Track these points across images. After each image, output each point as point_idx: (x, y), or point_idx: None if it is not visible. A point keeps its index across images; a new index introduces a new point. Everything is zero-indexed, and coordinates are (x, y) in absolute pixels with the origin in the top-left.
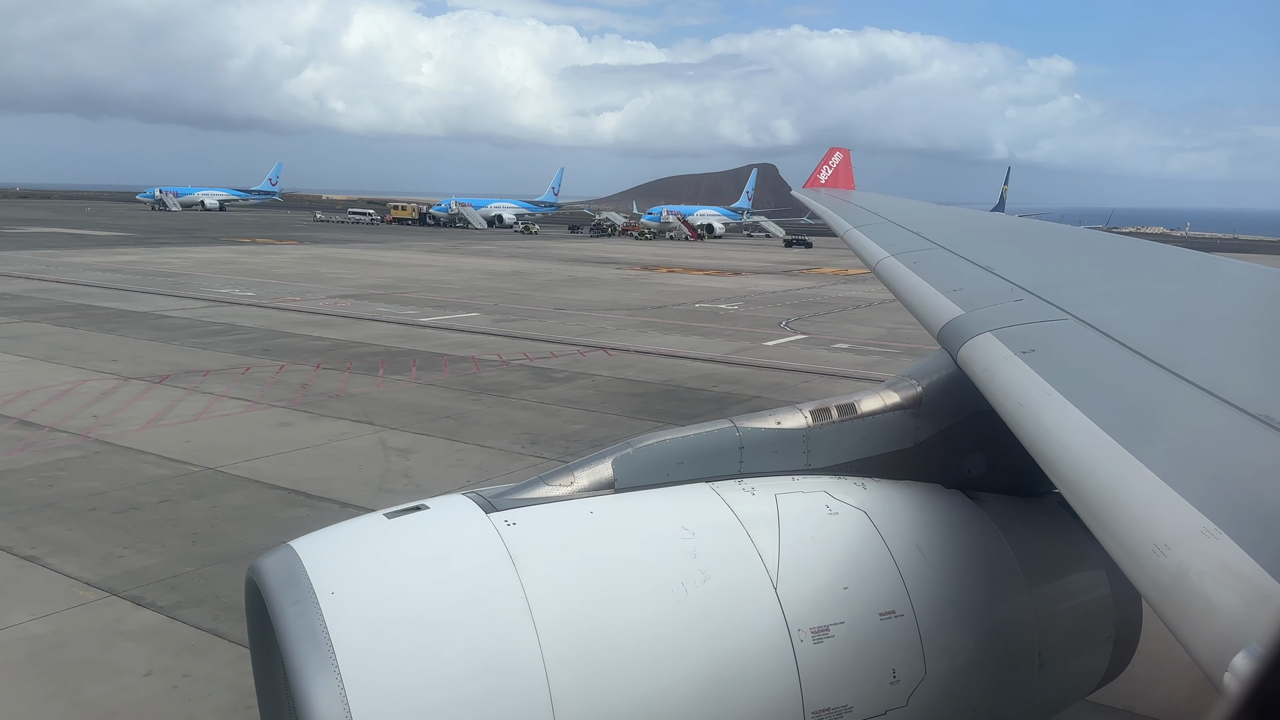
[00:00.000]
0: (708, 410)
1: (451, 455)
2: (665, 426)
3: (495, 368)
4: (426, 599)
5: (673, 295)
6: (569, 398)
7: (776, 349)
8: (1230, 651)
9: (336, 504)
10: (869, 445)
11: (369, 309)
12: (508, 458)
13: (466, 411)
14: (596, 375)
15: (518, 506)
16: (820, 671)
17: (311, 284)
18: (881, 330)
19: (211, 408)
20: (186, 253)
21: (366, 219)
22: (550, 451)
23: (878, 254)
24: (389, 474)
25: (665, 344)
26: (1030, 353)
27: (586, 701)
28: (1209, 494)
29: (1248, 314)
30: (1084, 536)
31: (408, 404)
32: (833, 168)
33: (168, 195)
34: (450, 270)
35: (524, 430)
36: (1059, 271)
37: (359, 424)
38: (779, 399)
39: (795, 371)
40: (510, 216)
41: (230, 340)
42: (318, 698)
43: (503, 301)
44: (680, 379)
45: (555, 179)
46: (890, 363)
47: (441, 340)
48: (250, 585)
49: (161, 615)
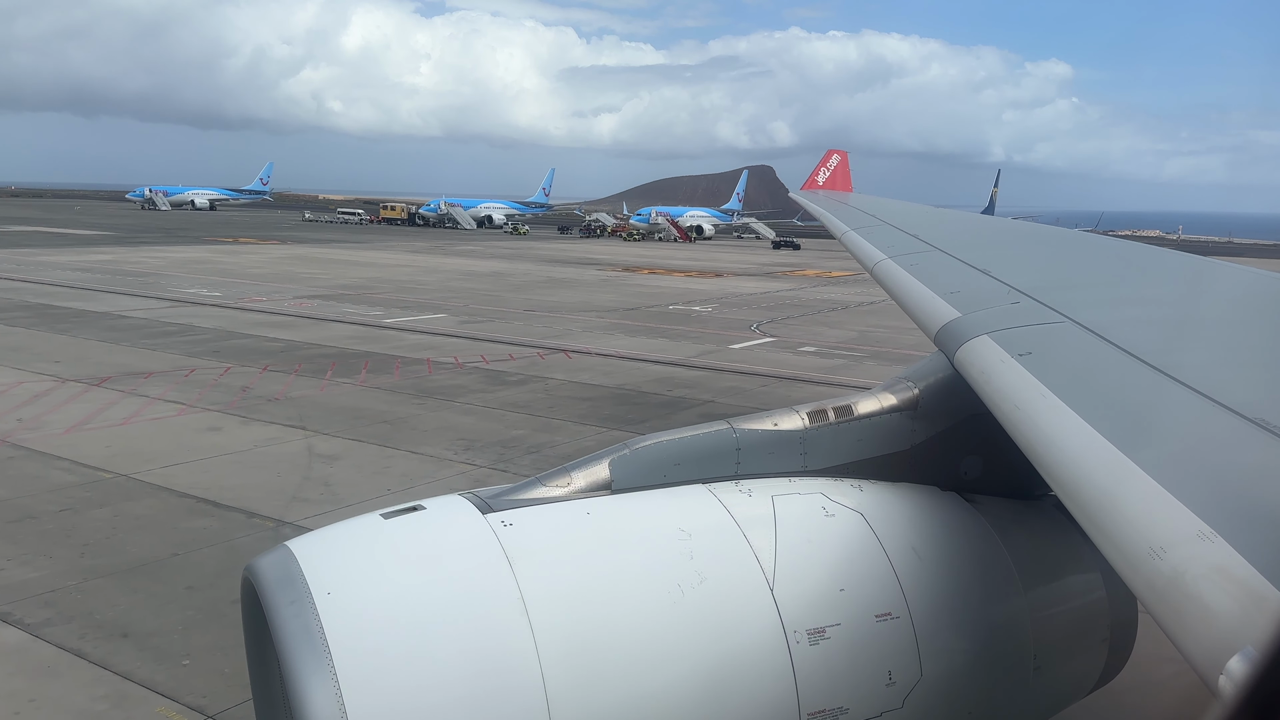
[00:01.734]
0: (656, 416)
1: (378, 462)
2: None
3: (449, 370)
4: (423, 599)
5: (648, 297)
6: (516, 401)
7: (742, 352)
8: (1225, 655)
9: (243, 514)
10: (866, 447)
11: (334, 310)
12: (436, 464)
13: (407, 416)
14: (551, 378)
15: (515, 507)
16: (816, 673)
17: (283, 284)
18: (852, 334)
19: (144, 411)
20: (165, 252)
21: (355, 219)
22: (482, 458)
23: (875, 256)
24: (307, 482)
25: (629, 346)
26: (1027, 355)
27: (583, 702)
28: (1204, 497)
29: (1244, 317)
30: (1080, 539)
31: (347, 408)
32: (830, 170)
33: (157, 194)
34: (428, 271)
35: (461, 435)
36: (1056, 275)
37: (291, 429)
38: (733, 404)
39: (754, 375)
40: (500, 217)
41: (183, 341)
42: (313, 698)
43: (473, 303)
44: (636, 382)
45: (546, 180)
46: (854, 367)
47: (400, 342)
48: (246, 585)
49: (26, 633)
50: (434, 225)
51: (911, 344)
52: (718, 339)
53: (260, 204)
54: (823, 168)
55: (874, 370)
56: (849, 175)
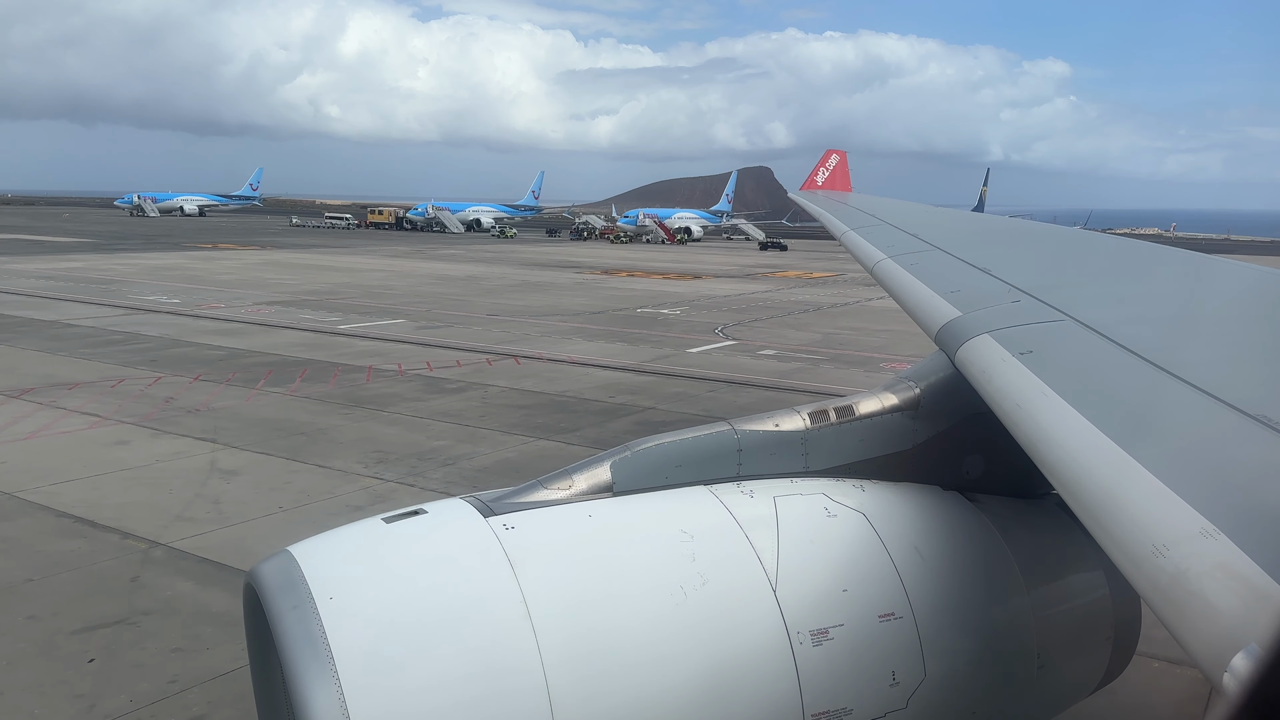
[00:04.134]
0: (589, 425)
1: (280, 477)
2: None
3: (389, 378)
4: (425, 603)
5: (619, 300)
6: (449, 410)
7: (698, 356)
8: (1229, 652)
9: (118, 535)
10: (867, 447)
11: (291, 316)
12: (341, 479)
13: (328, 427)
14: (493, 386)
15: (516, 510)
16: (819, 674)
17: (248, 290)
18: (817, 336)
19: (54, 424)
20: (139, 259)
21: (343, 224)
22: (392, 472)
23: (875, 256)
24: (197, 500)
25: (585, 351)
26: (1028, 354)
27: (586, 705)
28: (1207, 495)
29: (1246, 314)
30: (1082, 538)
31: (269, 419)
32: (829, 170)
33: (146, 201)
34: (402, 275)
35: (378, 448)
36: (1057, 273)
37: (201, 442)
38: (675, 410)
39: (705, 381)
40: (488, 220)
41: (123, 350)
42: (316, 703)
43: (438, 307)
44: (579, 389)
45: (535, 182)
46: (810, 370)
47: (348, 349)
48: (248, 591)
49: None
50: (421, 229)
51: (875, 346)
52: (678, 343)
53: (250, 209)
54: (822, 168)
55: (830, 374)
56: (848, 175)
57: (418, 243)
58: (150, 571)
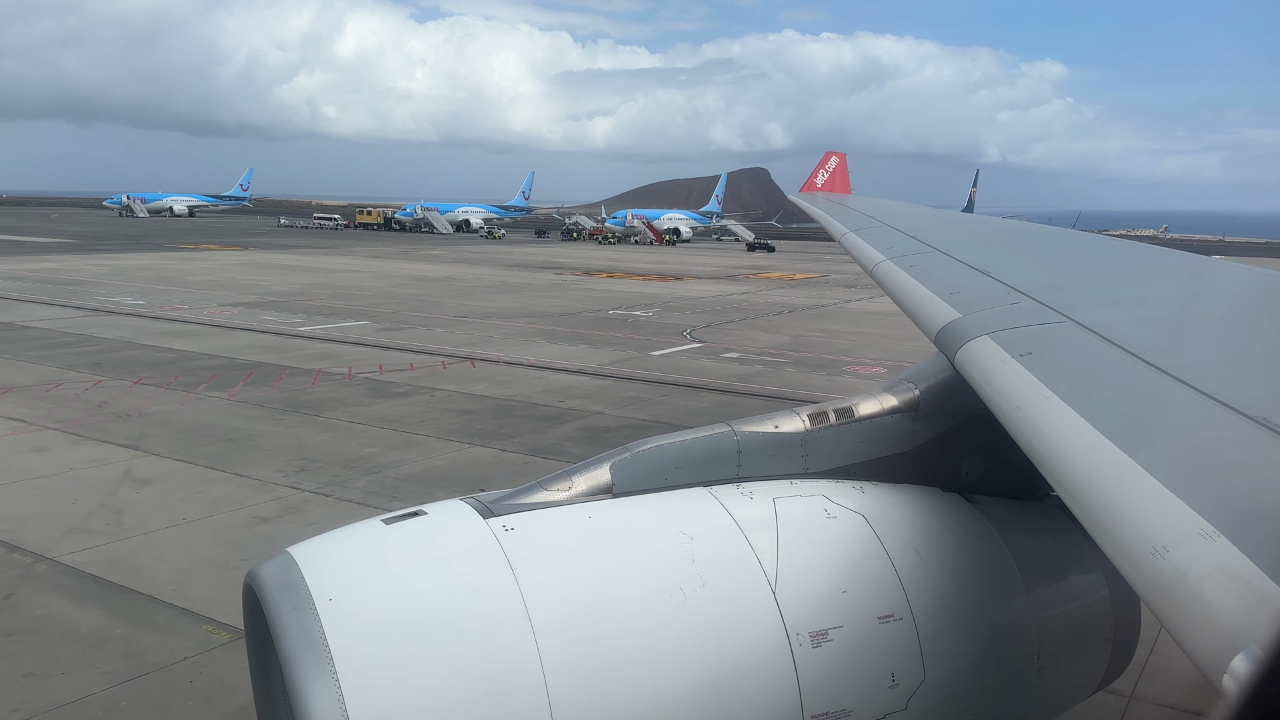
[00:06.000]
0: (531, 430)
1: (193, 486)
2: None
3: (336, 382)
4: (424, 605)
5: (593, 302)
6: (388, 415)
7: (660, 359)
8: (1229, 654)
9: (6, 547)
10: (867, 449)
11: (252, 318)
12: (255, 489)
13: (257, 433)
14: (441, 390)
15: (516, 511)
16: (819, 676)
17: (217, 291)
18: (785, 339)
19: None
20: (115, 259)
21: (331, 224)
22: (311, 481)
23: (875, 258)
24: (101, 510)
25: (545, 354)
26: (1027, 356)
27: (585, 706)
28: (1207, 496)
29: (1245, 316)
30: (1082, 539)
31: (199, 425)
32: (829, 172)
33: (135, 201)
34: (378, 276)
35: (304, 455)
36: (1056, 274)
37: (122, 449)
38: (622, 415)
39: (661, 384)
40: (477, 221)
41: (70, 353)
42: (316, 704)
43: (407, 309)
44: (528, 394)
45: (525, 183)
46: (771, 374)
47: (302, 351)
48: (248, 592)
49: None
50: (410, 230)
51: (841, 349)
52: (643, 345)
53: (240, 210)
54: (821, 169)
55: (790, 377)
56: (848, 177)
57: (403, 244)
58: (27, 588)
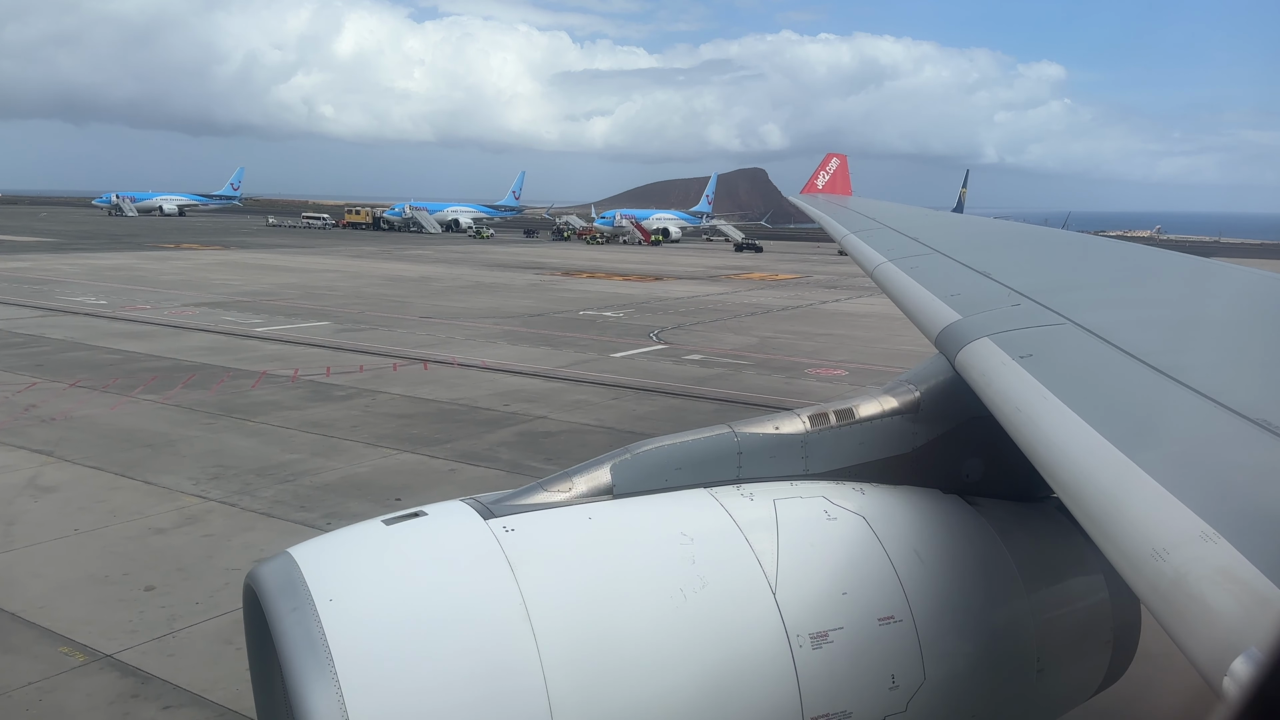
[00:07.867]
0: (467, 436)
1: (97, 496)
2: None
3: (278, 384)
4: (425, 606)
5: (566, 302)
6: (322, 420)
7: (619, 361)
8: (1229, 656)
9: None
10: (867, 450)
11: (211, 318)
12: (159, 498)
13: (180, 438)
14: (385, 393)
15: (516, 513)
16: (819, 677)
17: (186, 291)
18: (752, 341)
19: None
20: (90, 259)
21: (320, 224)
22: (219, 491)
23: (875, 259)
24: None
25: (502, 356)
26: (1028, 357)
27: (585, 707)
28: (1207, 499)
29: (1245, 318)
30: (1082, 541)
31: (124, 429)
32: (830, 173)
33: (124, 200)
34: (353, 276)
35: (221, 462)
36: (1056, 276)
37: (35, 454)
38: (565, 419)
39: (614, 388)
40: (467, 220)
41: (16, 354)
42: (316, 705)
43: (373, 309)
44: (475, 397)
45: (516, 183)
46: (729, 377)
47: (253, 353)
48: (248, 593)
49: None
50: (399, 229)
51: (808, 351)
52: (605, 347)
53: (230, 209)
54: (822, 171)
55: (748, 380)
56: (848, 178)
57: (389, 243)
58: None
